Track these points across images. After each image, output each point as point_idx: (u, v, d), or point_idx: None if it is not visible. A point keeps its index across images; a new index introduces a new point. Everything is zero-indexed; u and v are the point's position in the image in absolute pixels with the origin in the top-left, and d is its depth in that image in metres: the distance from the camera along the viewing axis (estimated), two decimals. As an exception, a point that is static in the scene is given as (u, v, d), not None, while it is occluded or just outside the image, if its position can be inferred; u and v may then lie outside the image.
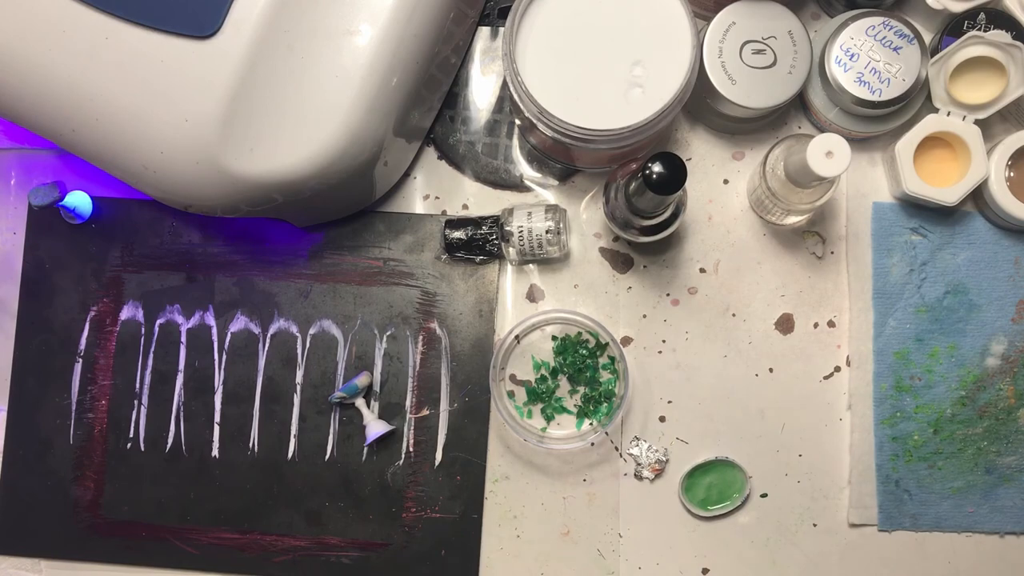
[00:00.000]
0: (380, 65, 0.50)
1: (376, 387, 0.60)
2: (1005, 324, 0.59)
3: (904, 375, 0.58)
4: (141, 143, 0.50)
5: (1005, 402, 0.59)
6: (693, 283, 0.60)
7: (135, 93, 0.49)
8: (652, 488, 0.59)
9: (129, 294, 0.61)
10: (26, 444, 0.60)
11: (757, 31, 0.54)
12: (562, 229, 0.57)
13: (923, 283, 0.59)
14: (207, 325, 0.61)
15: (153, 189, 0.53)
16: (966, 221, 0.59)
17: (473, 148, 0.61)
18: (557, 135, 0.51)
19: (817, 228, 0.60)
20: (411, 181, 0.61)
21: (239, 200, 0.52)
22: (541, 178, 0.61)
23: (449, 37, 0.56)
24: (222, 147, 0.49)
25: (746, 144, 0.60)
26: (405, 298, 0.60)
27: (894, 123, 0.57)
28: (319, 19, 0.50)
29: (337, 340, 0.60)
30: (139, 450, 0.60)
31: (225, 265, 0.61)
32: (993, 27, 0.55)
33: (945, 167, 0.57)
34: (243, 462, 0.60)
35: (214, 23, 0.48)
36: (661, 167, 0.46)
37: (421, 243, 0.61)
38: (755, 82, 0.54)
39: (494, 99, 0.61)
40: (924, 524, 0.58)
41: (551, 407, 0.59)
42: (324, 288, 0.61)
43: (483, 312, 0.60)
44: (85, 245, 0.61)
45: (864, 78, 0.54)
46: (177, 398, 0.60)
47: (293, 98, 0.50)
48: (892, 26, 0.54)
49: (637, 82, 0.52)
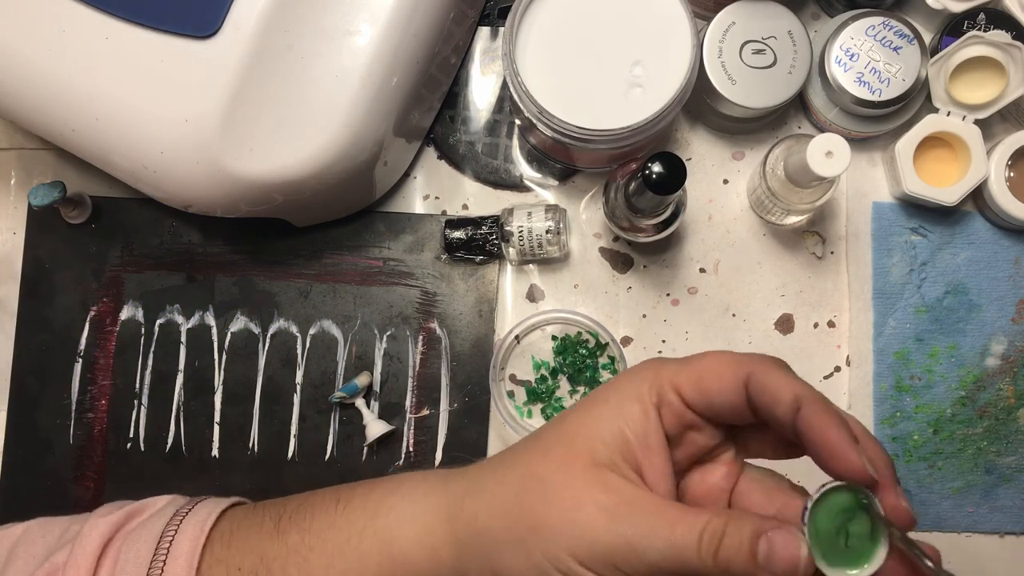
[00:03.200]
0: (380, 65, 0.50)
1: (376, 387, 0.60)
2: (1005, 324, 0.59)
3: (904, 375, 0.58)
4: (141, 143, 0.50)
5: (1005, 402, 0.59)
6: (693, 283, 0.60)
7: (135, 93, 0.49)
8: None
9: (129, 294, 0.61)
10: (26, 444, 0.60)
11: (757, 31, 0.54)
12: (562, 229, 0.57)
13: (923, 283, 0.59)
14: (207, 325, 0.61)
15: (153, 189, 0.53)
16: (966, 221, 0.59)
17: (473, 148, 0.61)
18: (557, 135, 0.51)
19: (817, 228, 0.60)
20: (411, 181, 0.61)
21: (239, 200, 0.52)
22: (541, 178, 0.61)
23: (449, 37, 0.56)
24: (222, 147, 0.49)
25: (746, 144, 0.60)
26: (405, 298, 0.60)
27: (894, 123, 0.57)
28: (319, 19, 0.50)
29: (337, 340, 0.60)
30: (139, 450, 0.60)
31: (225, 265, 0.61)
32: (993, 27, 0.55)
33: (945, 167, 0.57)
34: (243, 462, 0.60)
35: (214, 23, 0.48)
36: (661, 167, 0.46)
37: (421, 243, 0.61)
38: (755, 82, 0.54)
39: (494, 99, 0.61)
40: (924, 524, 0.58)
41: (551, 407, 0.59)
42: (324, 288, 0.60)
43: (483, 312, 0.60)
44: (85, 245, 0.61)
45: (864, 78, 0.54)
46: (177, 398, 0.60)
47: (293, 98, 0.50)
48: (892, 26, 0.54)
49: (637, 82, 0.52)
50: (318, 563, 0.41)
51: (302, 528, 0.42)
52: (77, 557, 0.43)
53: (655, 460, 0.38)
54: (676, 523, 0.35)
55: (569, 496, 0.36)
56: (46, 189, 0.57)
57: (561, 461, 0.38)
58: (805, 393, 0.35)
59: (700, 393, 0.37)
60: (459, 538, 0.39)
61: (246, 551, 0.42)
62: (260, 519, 0.44)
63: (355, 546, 0.41)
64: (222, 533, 0.43)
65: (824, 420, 0.35)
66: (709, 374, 0.37)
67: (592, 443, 0.37)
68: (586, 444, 0.38)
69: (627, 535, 0.35)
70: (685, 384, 0.37)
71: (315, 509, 0.43)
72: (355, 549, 0.41)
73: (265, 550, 0.42)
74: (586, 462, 0.37)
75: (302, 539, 0.42)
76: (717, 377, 0.37)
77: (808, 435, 0.35)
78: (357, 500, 0.42)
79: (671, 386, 0.38)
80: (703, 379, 0.37)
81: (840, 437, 0.34)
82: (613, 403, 0.38)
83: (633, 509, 0.36)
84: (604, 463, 0.37)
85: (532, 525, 0.37)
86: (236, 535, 0.43)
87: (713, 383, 0.37)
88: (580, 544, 0.36)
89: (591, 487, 0.36)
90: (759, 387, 0.36)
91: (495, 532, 0.38)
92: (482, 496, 0.39)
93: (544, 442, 0.39)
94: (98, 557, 0.43)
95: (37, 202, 0.57)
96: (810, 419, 0.35)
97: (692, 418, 0.38)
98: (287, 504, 0.44)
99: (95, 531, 0.44)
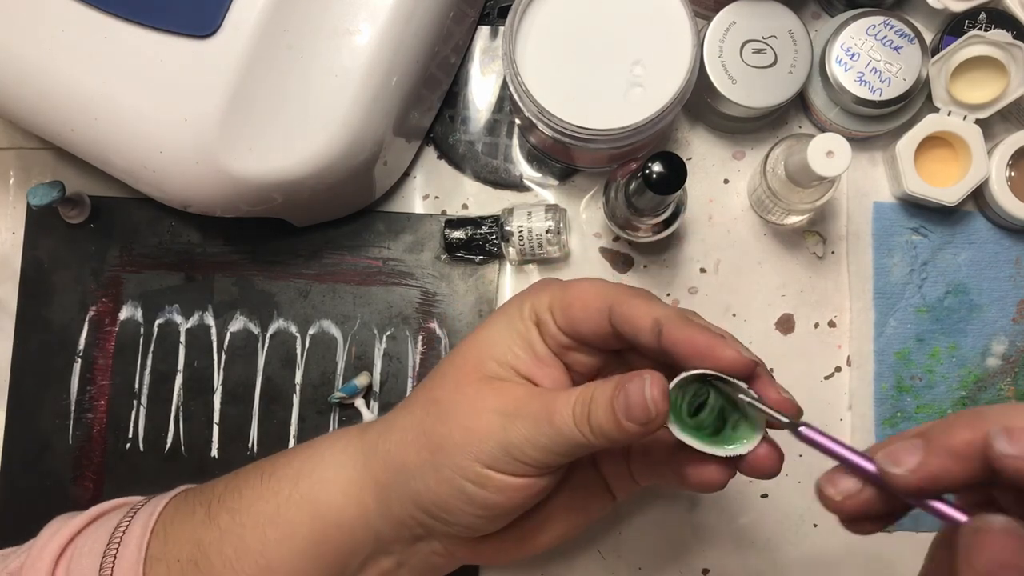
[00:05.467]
0: (380, 65, 0.50)
1: (376, 387, 0.60)
2: (1006, 324, 0.59)
3: (905, 375, 0.58)
4: (141, 143, 0.50)
5: (1006, 402, 0.58)
6: (693, 283, 0.60)
7: (134, 93, 0.49)
8: (652, 487, 0.59)
9: (128, 294, 0.61)
10: (25, 444, 0.60)
11: (757, 30, 0.54)
12: (562, 229, 0.57)
13: (924, 283, 0.59)
14: (206, 325, 0.61)
15: (153, 189, 0.53)
16: (967, 221, 0.59)
17: (473, 148, 0.61)
18: (557, 135, 0.51)
19: (818, 228, 0.60)
20: (411, 181, 0.61)
21: (239, 200, 0.52)
22: (541, 178, 0.61)
23: (449, 37, 0.55)
24: (222, 147, 0.49)
25: (746, 144, 0.60)
26: (405, 298, 0.60)
27: (894, 123, 0.57)
28: (319, 19, 0.50)
29: (336, 340, 0.60)
30: (138, 450, 0.60)
31: (224, 265, 0.61)
32: (994, 27, 0.55)
33: (945, 167, 0.57)
34: (242, 462, 0.59)
35: (214, 23, 0.48)
36: (661, 167, 0.46)
37: (421, 243, 0.60)
38: (755, 82, 0.54)
39: (494, 99, 0.61)
40: (925, 524, 0.58)
41: (551, 407, 0.59)
42: (323, 288, 0.60)
43: (483, 312, 0.60)
44: (84, 245, 0.61)
45: (865, 78, 0.54)
46: (176, 398, 0.60)
47: (293, 98, 0.50)
48: (893, 25, 0.54)
49: (637, 82, 0.52)
50: (252, 537, 0.42)
51: (232, 508, 0.43)
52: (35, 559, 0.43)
53: (548, 371, 0.39)
54: (555, 404, 0.37)
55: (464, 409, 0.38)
56: (45, 189, 0.57)
57: (456, 382, 0.40)
58: (664, 314, 0.36)
59: (567, 320, 0.39)
60: (378, 479, 0.41)
61: (182, 542, 0.43)
62: (191, 509, 0.44)
63: (284, 513, 0.42)
64: (157, 532, 0.44)
65: (687, 331, 0.36)
66: (576, 302, 0.38)
67: (482, 361, 0.39)
68: (477, 362, 0.39)
69: (520, 429, 0.37)
70: (556, 309, 0.39)
71: (242, 488, 0.44)
72: (284, 516, 0.42)
73: (200, 537, 0.43)
74: (479, 378, 0.39)
75: (233, 519, 0.42)
76: (583, 307, 0.38)
77: (676, 350, 0.36)
78: (280, 470, 0.43)
79: (547, 308, 0.39)
80: (571, 307, 0.38)
81: (707, 338, 0.35)
82: (500, 324, 0.40)
83: (521, 403, 0.38)
84: (497, 377, 0.39)
85: (436, 444, 0.38)
86: (171, 529, 0.44)
87: (579, 312, 0.38)
88: (482, 449, 0.37)
89: (485, 397, 0.38)
90: (621, 318, 0.37)
91: (407, 462, 0.39)
92: (393, 434, 0.41)
93: (441, 369, 0.41)
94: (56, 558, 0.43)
95: (36, 202, 0.57)
96: (674, 335, 0.36)
97: (567, 341, 0.39)
98: (215, 488, 0.45)
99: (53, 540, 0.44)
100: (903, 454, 0.30)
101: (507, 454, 0.37)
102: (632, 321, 0.37)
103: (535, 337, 0.39)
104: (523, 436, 0.37)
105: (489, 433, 0.37)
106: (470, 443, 0.37)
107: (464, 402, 0.39)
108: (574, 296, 0.39)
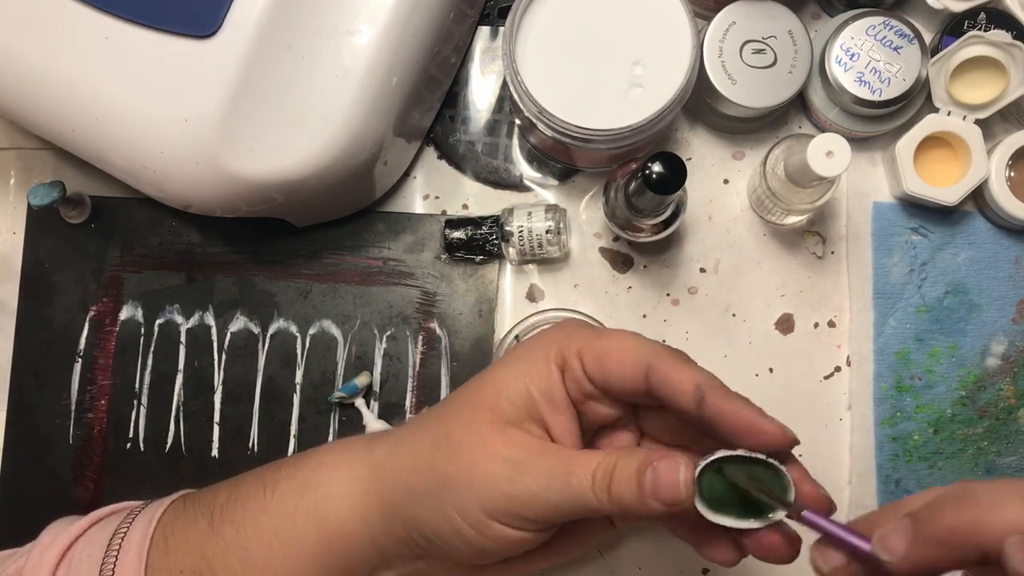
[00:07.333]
0: (380, 65, 0.50)
1: (376, 387, 0.60)
2: (1005, 324, 0.59)
3: (904, 375, 0.58)
4: (141, 143, 0.50)
5: (1005, 402, 0.59)
6: (693, 283, 0.60)
7: (135, 93, 0.49)
8: (652, 488, 0.59)
9: (128, 294, 0.61)
10: (25, 444, 0.60)
11: (757, 31, 0.54)
12: (562, 229, 0.57)
13: (923, 283, 0.59)
14: (207, 325, 0.61)
15: (153, 189, 0.53)
16: (966, 221, 0.59)
17: (473, 148, 0.61)
18: (557, 135, 0.51)
19: (817, 228, 0.60)
20: (411, 181, 0.61)
21: (239, 200, 0.52)
22: (541, 178, 0.61)
23: (449, 37, 0.55)
24: (222, 147, 0.49)
25: (746, 144, 0.60)
26: (405, 298, 0.60)
27: (894, 123, 0.57)
28: (319, 19, 0.50)
29: (337, 340, 0.60)
30: (139, 450, 0.60)
31: (225, 265, 0.61)
32: (994, 27, 0.55)
33: (945, 167, 0.57)
34: (243, 462, 0.60)
35: (214, 23, 0.48)
36: (661, 167, 0.46)
37: (421, 243, 0.61)
38: (755, 82, 0.54)
39: (494, 99, 0.61)
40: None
41: (551, 407, 0.59)
42: (324, 288, 0.60)
43: (483, 312, 0.60)
44: (85, 245, 0.61)
45: (864, 78, 0.54)
46: (177, 398, 0.60)
47: (293, 98, 0.50)
48: (892, 26, 0.54)
49: (637, 82, 0.52)
50: (258, 550, 0.42)
51: (235, 521, 0.43)
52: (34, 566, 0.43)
53: (560, 418, 0.39)
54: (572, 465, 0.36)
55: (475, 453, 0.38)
56: (45, 189, 0.57)
57: (470, 420, 0.39)
58: (706, 381, 0.36)
59: (600, 371, 0.38)
60: (383, 497, 0.41)
61: (184, 553, 0.43)
62: (192, 518, 0.44)
63: (290, 527, 0.42)
64: (156, 542, 0.43)
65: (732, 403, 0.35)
66: (612, 355, 0.38)
67: (499, 401, 0.39)
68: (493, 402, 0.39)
69: (528, 484, 0.36)
70: (588, 357, 0.38)
71: (245, 499, 0.43)
72: (290, 530, 0.42)
73: (204, 548, 0.43)
74: (492, 419, 0.38)
75: (238, 531, 0.42)
76: (618, 361, 0.38)
77: (718, 420, 0.36)
78: (284, 482, 0.43)
79: (576, 354, 0.39)
80: (605, 358, 0.38)
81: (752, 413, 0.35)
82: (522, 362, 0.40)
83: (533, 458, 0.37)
84: (510, 420, 0.38)
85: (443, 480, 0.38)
86: (172, 539, 0.43)
87: (613, 365, 0.38)
88: (486, 497, 0.37)
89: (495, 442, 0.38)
90: (661, 379, 0.37)
91: (415, 488, 0.39)
92: (402, 456, 0.41)
93: (457, 402, 0.41)
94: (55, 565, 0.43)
95: (36, 202, 0.57)
96: (718, 405, 0.36)
97: (591, 389, 0.39)
98: (216, 497, 0.45)
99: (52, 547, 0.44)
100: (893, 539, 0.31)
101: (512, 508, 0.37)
102: (673, 385, 0.36)
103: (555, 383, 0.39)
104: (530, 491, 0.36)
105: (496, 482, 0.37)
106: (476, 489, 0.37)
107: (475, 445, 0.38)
108: (610, 348, 0.38)
